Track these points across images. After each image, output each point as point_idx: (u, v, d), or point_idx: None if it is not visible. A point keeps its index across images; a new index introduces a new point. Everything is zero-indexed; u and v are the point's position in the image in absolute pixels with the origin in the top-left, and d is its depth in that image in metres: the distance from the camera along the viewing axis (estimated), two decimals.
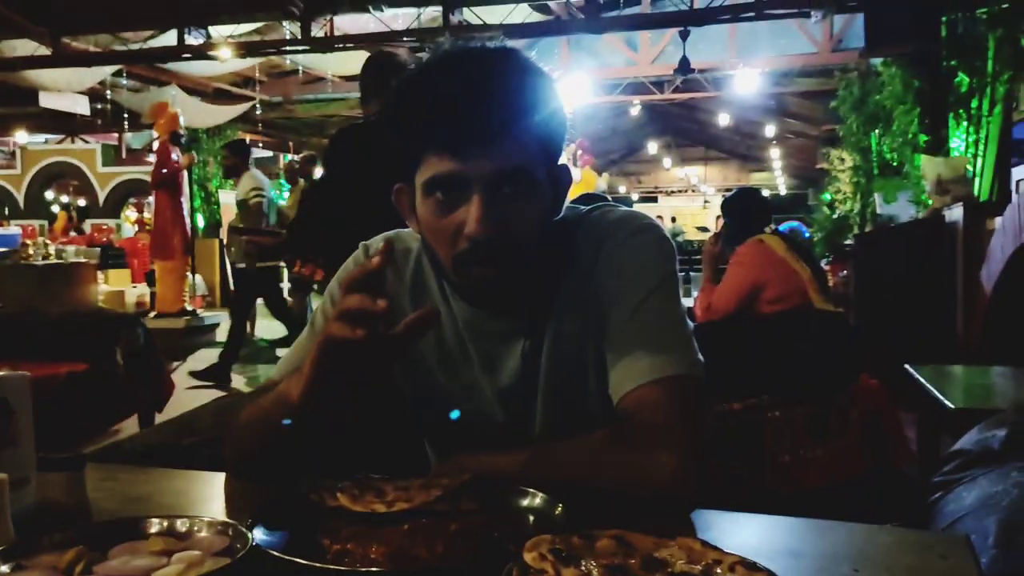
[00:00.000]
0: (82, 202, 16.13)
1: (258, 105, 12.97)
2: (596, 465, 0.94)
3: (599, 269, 1.06)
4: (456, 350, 1.13)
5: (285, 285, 8.71)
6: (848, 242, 7.89)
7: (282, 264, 6.97)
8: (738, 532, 0.84)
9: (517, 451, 0.99)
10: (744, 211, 3.61)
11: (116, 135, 16.21)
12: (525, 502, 0.88)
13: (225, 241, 11.39)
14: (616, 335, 1.02)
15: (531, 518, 0.86)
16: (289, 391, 0.95)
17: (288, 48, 8.76)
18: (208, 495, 1.05)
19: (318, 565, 0.71)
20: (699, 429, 0.96)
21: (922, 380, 2.24)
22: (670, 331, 1.00)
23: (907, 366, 2.50)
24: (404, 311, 1.11)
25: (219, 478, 1.05)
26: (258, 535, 0.77)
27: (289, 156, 18.59)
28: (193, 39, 8.46)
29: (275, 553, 0.73)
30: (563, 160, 1.06)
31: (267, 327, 9.00)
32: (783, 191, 23.40)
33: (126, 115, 12.22)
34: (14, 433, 0.86)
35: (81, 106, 11.75)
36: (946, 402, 1.94)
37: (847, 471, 2.72)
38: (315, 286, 6.88)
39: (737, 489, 2.87)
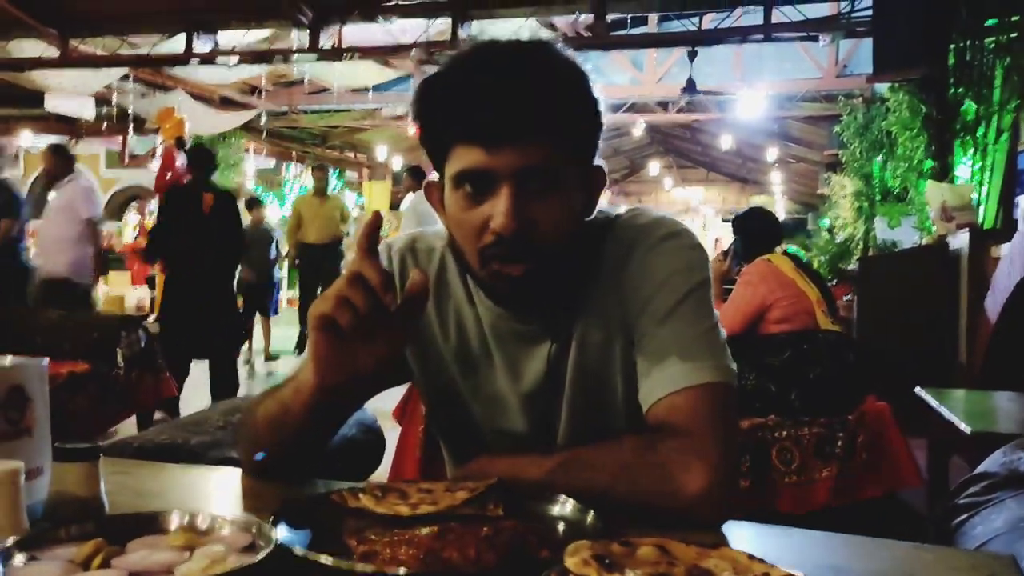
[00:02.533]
0: None
1: (263, 114, 12.98)
2: (624, 473, 0.91)
3: (629, 274, 1.03)
4: (479, 354, 1.10)
5: None
6: (850, 267, 7.88)
7: None
8: (772, 546, 0.82)
9: (541, 456, 0.97)
10: (755, 230, 3.60)
11: (120, 139, 16.21)
12: (555, 509, 0.86)
13: None
14: (647, 342, 0.99)
15: (561, 525, 0.84)
16: (306, 379, 0.93)
17: (296, 57, 8.76)
18: (223, 491, 1.02)
19: (346, 565, 0.68)
20: (733, 438, 0.94)
21: (935, 404, 2.21)
22: (703, 338, 0.98)
23: (918, 389, 2.47)
24: (426, 312, 1.09)
25: (234, 474, 1.02)
26: (282, 533, 0.74)
27: (291, 165, 18.62)
28: (201, 45, 8.47)
29: (303, 552, 0.70)
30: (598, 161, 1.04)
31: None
32: (782, 215, 23.44)
33: (131, 119, 12.22)
34: (29, 422, 0.84)
35: (87, 109, 11.75)
36: (962, 426, 1.91)
37: (854, 493, 2.70)
38: None
39: (742, 510, 2.85)
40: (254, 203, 9.45)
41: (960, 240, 5.19)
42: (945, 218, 5.83)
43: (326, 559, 0.68)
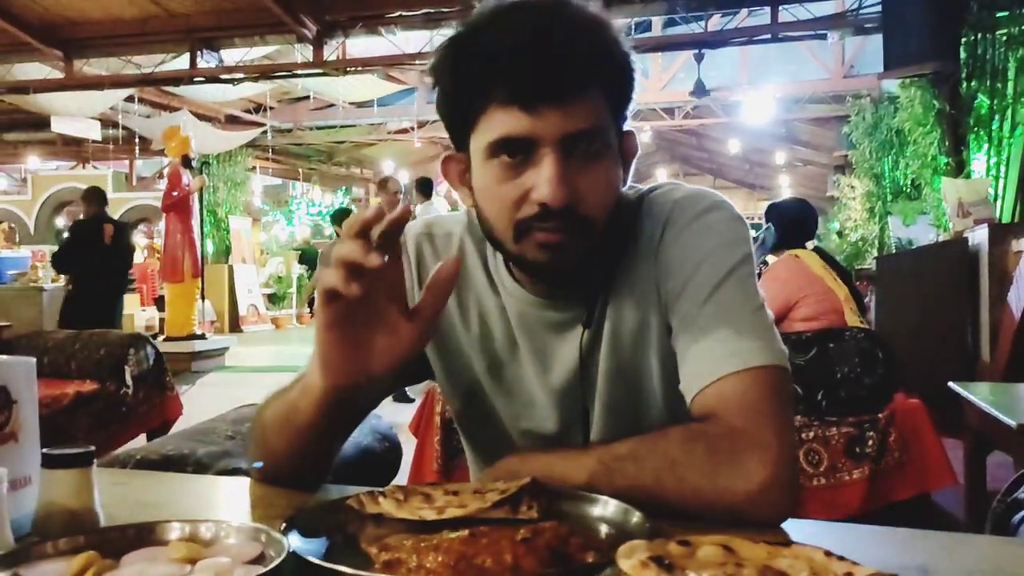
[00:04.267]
0: None
1: (268, 131, 12.99)
2: (671, 469, 0.81)
3: (666, 252, 0.94)
4: (504, 345, 1.01)
5: None
6: (865, 266, 7.78)
7: None
8: (846, 543, 0.73)
9: (577, 453, 0.88)
10: (791, 220, 3.51)
11: (127, 162, 16.25)
12: (596, 509, 0.78)
13: None
14: (688, 325, 0.90)
15: (604, 527, 0.75)
16: (313, 380, 0.84)
17: (300, 72, 8.74)
18: (231, 501, 0.94)
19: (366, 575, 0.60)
20: (790, 427, 0.84)
21: (973, 398, 2.12)
22: (750, 318, 0.88)
23: (952, 384, 2.38)
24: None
25: (242, 484, 0.94)
26: (294, 542, 0.66)
27: (297, 184, 18.65)
28: (205, 63, 8.46)
29: (317, 562, 0.62)
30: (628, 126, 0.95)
31: (254, 354, 8.89)
32: None
33: (137, 141, 12.24)
34: (15, 427, 0.76)
35: (93, 131, 11.78)
36: (1006, 419, 1.81)
37: (889, 495, 2.60)
38: None
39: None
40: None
41: (979, 235, 5.09)
42: (962, 214, 5.74)
43: (345, 569, 0.60)
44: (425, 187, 7.10)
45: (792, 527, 0.77)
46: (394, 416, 1.09)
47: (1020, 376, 4.06)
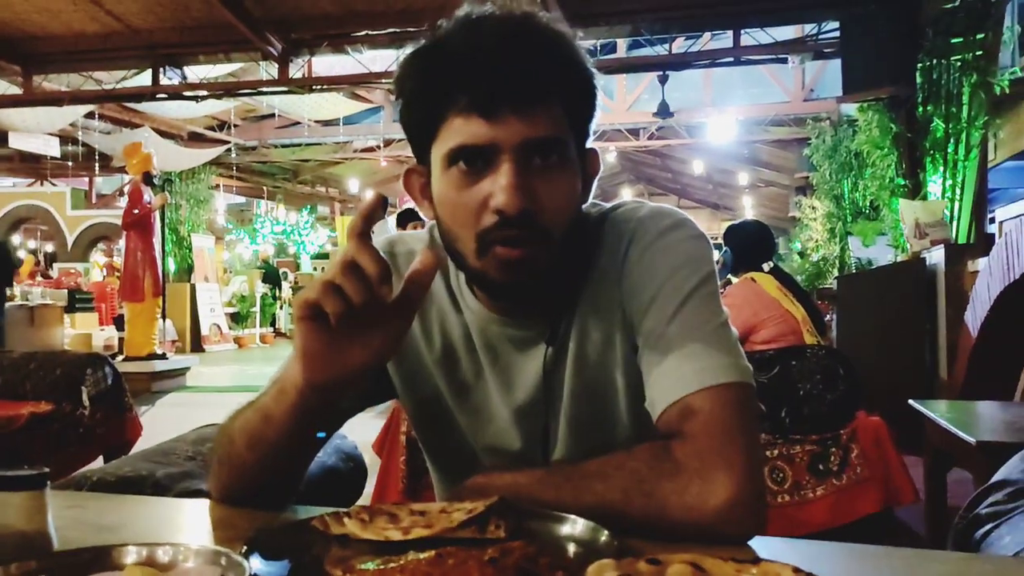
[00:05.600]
0: (50, 246, 15.84)
1: (233, 149, 12.88)
2: (638, 486, 0.80)
3: (630, 270, 0.94)
4: (466, 363, 1.00)
5: None
6: (827, 286, 7.90)
7: None
8: (814, 560, 0.73)
9: (544, 471, 0.87)
10: (748, 243, 3.53)
11: (86, 178, 16.02)
12: (564, 528, 0.77)
13: None
14: (653, 343, 0.90)
15: (572, 546, 0.75)
16: (291, 378, 0.82)
17: (265, 89, 8.69)
18: (191, 523, 0.91)
19: None
20: (757, 442, 0.84)
21: (933, 415, 2.15)
22: (715, 335, 0.88)
23: (912, 402, 2.41)
24: None
25: (202, 505, 0.92)
26: (255, 565, 0.65)
27: (262, 202, 18.50)
28: (168, 80, 8.38)
29: None
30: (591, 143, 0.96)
31: (216, 374, 8.77)
32: None
33: (97, 158, 12.07)
34: None
35: (52, 148, 11.60)
36: (965, 436, 1.84)
37: (852, 511, 2.62)
38: None
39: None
40: None
41: (936, 256, 5.20)
42: (919, 235, 5.86)
43: None
44: (402, 218, 7.21)
45: (759, 544, 0.77)
46: (358, 435, 1.07)
47: (977, 393, 4.14)
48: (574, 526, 0.76)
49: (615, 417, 0.98)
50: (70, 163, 12.79)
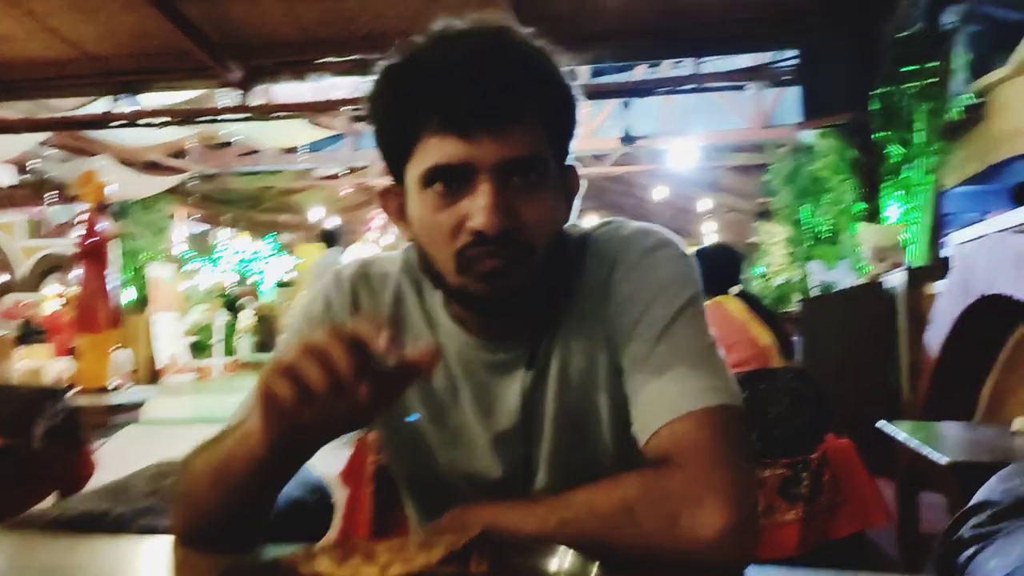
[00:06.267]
0: (1, 277, 15.46)
1: (192, 177, 12.73)
2: (626, 516, 0.77)
3: (614, 292, 0.92)
4: (443, 389, 0.97)
5: None
6: (790, 309, 7.99)
7: None
8: None
9: (527, 502, 0.84)
10: (713, 266, 3.53)
11: (38, 208, 15.69)
12: (551, 562, 0.73)
13: None
14: (639, 366, 0.87)
15: None
16: (252, 430, 0.77)
17: (225, 116, 8.60)
18: (151, 563, 0.86)
19: None
20: (748, 467, 0.82)
21: (904, 437, 2.15)
22: (703, 357, 0.86)
23: (881, 424, 2.42)
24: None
25: (163, 543, 0.87)
26: None
27: (223, 230, 18.28)
28: (125, 106, 8.25)
29: None
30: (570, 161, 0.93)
31: (175, 405, 8.59)
32: None
33: (51, 187, 11.83)
34: None
35: (5, 176, 11.35)
36: (938, 457, 1.84)
37: (824, 535, 2.61)
38: None
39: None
40: None
41: (895, 279, 5.28)
42: (878, 258, 5.96)
43: None
44: (326, 237, 7.36)
45: (755, 573, 0.74)
46: (324, 465, 1.03)
47: (939, 413, 4.19)
48: (561, 559, 0.73)
49: (599, 442, 0.95)
50: (22, 192, 12.53)
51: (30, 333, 10.58)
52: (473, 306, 0.91)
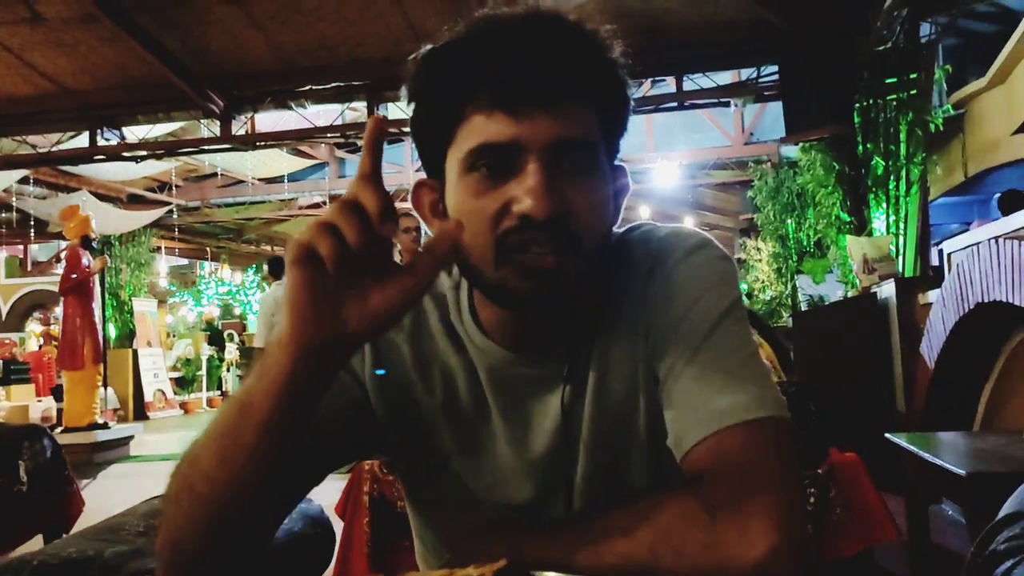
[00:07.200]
0: None
1: (174, 210, 12.65)
2: (667, 541, 0.71)
3: (652, 298, 0.84)
4: (472, 410, 0.88)
5: None
6: (781, 324, 7.98)
7: None
8: None
9: (559, 527, 0.77)
10: None
11: (21, 246, 15.55)
12: None
13: None
14: (678, 375, 0.80)
15: None
16: (274, 356, 0.68)
17: (207, 148, 8.54)
18: None
19: None
20: (798, 484, 0.76)
21: (915, 449, 2.11)
22: (746, 366, 0.79)
23: (890, 436, 2.37)
24: (403, 358, 0.90)
25: None
26: None
27: (206, 263, 18.18)
28: (106, 141, 8.19)
29: None
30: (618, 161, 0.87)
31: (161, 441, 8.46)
32: None
33: (32, 224, 11.72)
34: None
35: None
36: (954, 468, 1.79)
37: (835, 552, 2.55)
38: None
39: None
40: None
41: (887, 290, 5.27)
42: (867, 270, 5.95)
43: None
44: (274, 267, 7.38)
45: None
46: (319, 498, 0.97)
47: (937, 424, 4.16)
48: None
49: (638, 460, 0.87)
50: (3, 230, 12.41)
51: (13, 372, 10.42)
52: (513, 304, 0.81)
